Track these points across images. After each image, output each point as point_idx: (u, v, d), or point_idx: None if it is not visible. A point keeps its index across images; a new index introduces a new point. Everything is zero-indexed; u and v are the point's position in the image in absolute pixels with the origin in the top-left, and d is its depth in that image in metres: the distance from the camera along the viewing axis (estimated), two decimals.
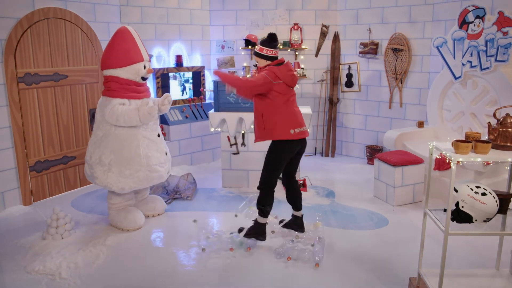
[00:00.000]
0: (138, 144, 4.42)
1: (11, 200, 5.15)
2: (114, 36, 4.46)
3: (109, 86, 4.40)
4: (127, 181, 4.40)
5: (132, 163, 4.38)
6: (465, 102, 5.70)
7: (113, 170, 4.36)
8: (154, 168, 4.51)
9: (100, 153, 4.39)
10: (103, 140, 4.41)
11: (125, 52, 4.39)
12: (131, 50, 4.42)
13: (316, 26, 7.33)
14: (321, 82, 7.46)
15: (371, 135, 7.27)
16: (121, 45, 4.39)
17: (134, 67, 4.41)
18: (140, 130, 4.46)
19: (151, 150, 4.51)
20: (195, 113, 7.01)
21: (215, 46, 7.45)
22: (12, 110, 5.01)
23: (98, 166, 4.39)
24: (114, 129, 4.39)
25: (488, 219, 2.81)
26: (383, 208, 5.15)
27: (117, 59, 4.37)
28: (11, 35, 4.90)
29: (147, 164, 4.44)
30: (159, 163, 4.56)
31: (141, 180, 4.45)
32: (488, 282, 3.15)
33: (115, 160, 4.35)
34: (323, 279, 3.62)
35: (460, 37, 5.54)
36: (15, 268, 3.79)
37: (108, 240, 4.29)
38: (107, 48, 4.45)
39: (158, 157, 4.57)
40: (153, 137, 4.59)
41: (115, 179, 4.37)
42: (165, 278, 3.65)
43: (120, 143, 4.37)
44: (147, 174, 4.47)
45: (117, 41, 4.41)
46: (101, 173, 4.38)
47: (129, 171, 4.38)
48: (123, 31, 4.45)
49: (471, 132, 3.01)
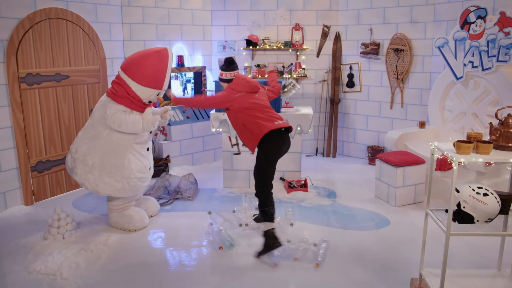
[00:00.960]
0: (126, 155, 4.36)
1: (12, 200, 5.15)
2: (154, 52, 4.31)
3: (117, 90, 4.30)
4: (104, 187, 4.35)
5: (114, 172, 4.32)
6: (467, 103, 5.69)
7: (93, 173, 4.31)
8: (133, 182, 4.43)
9: (86, 151, 4.32)
10: (92, 140, 4.34)
11: (152, 75, 4.28)
12: (159, 75, 4.31)
13: (317, 27, 7.33)
14: (323, 82, 7.46)
15: (372, 135, 7.26)
16: (154, 66, 4.27)
17: (149, 90, 4.32)
18: (131, 142, 4.40)
19: (136, 163, 4.43)
20: (197, 114, 7.01)
21: (216, 47, 7.45)
22: (13, 110, 5.02)
23: (81, 163, 4.33)
24: (107, 133, 4.33)
25: (490, 219, 2.81)
26: (384, 208, 5.15)
27: (141, 75, 4.25)
28: (13, 35, 4.91)
29: (128, 176, 4.37)
30: (140, 177, 4.48)
31: (117, 189, 4.39)
32: (490, 282, 3.14)
33: (98, 164, 4.30)
34: (324, 279, 3.62)
35: (461, 37, 5.53)
36: (17, 268, 3.80)
37: (110, 240, 4.30)
38: (140, 58, 4.29)
39: (141, 172, 4.49)
40: (143, 151, 4.54)
41: (93, 181, 4.33)
42: (166, 278, 3.65)
43: (108, 149, 4.31)
44: (125, 185, 4.39)
45: (154, 60, 4.27)
46: (82, 171, 4.33)
47: (108, 179, 4.32)
48: (164, 54, 4.31)
49: (473, 133, 3.00)
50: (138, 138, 4.43)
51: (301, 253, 3.94)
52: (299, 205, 5.21)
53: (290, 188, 5.65)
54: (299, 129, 5.68)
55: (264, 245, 3.91)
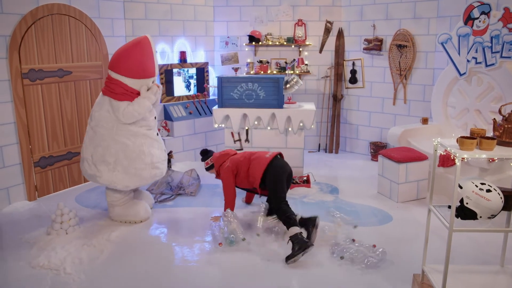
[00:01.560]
0: (141, 142, 4.45)
1: (16, 196, 5.17)
2: (134, 44, 4.37)
3: (113, 89, 4.36)
4: (132, 179, 4.44)
5: (137, 161, 4.41)
6: (470, 99, 5.67)
7: (118, 169, 4.39)
8: (157, 166, 4.57)
9: (103, 152, 4.38)
10: (104, 140, 4.39)
11: (141, 65, 4.35)
12: (147, 64, 4.38)
13: (320, 22, 7.31)
14: (325, 78, 7.45)
15: (375, 131, 7.25)
16: (139, 57, 4.33)
17: (143, 81, 4.42)
18: (142, 129, 4.49)
19: (153, 148, 4.55)
20: (199, 109, 7.01)
21: (219, 42, 7.44)
22: (16, 106, 5.02)
23: (102, 164, 4.39)
24: (116, 128, 4.39)
25: (493, 215, 2.80)
26: (387, 204, 5.14)
27: (130, 69, 4.33)
28: (16, 31, 4.91)
29: (151, 162, 4.49)
30: (161, 160, 4.63)
31: (145, 178, 4.51)
32: (492, 278, 3.14)
33: (120, 158, 4.37)
34: (326, 275, 3.63)
35: (465, 33, 5.50)
36: (20, 263, 3.81)
37: (112, 236, 4.31)
38: (123, 53, 4.35)
39: (160, 155, 4.63)
40: (154, 135, 4.63)
41: (121, 177, 4.40)
42: (169, 274, 3.67)
43: (124, 142, 4.39)
44: (151, 171, 4.52)
45: (136, 51, 4.33)
46: (106, 171, 4.39)
47: (134, 170, 4.41)
48: (144, 43, 4.36)
49: (476, 129, 2.99)
50: (145, 126, 4.52)
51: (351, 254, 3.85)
52: (301, 201, 5.21)
53: (292, 184, 5.66)
54: (302, 125, 5.68)
55: (294, 250, 3.80)
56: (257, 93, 5.66)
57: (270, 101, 5.65)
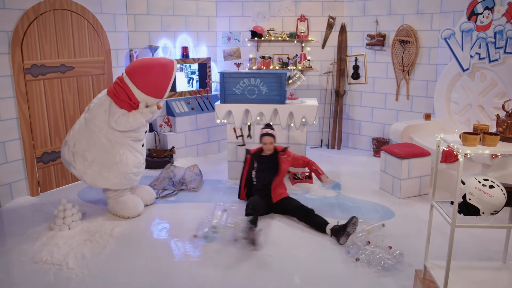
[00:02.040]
0: (124, 151, 4.54)
1: (18, 191, 5.19)
2: (160, 64, 4.45)
3: (119, 93, 4.45)
4: (102, 181, 4.54)
5: (113, 168, 4.50)
6: (473, 95, 5.65)
7: (93, 168, 4.48)
8: (129, 176, 4.64)
9: (85, 147, 4.46)
10: (91, 136, 4.46)
11: (156, 85, 4.45)
12: (162, 87, 4.48)
13: (323, 18, 7.28)
14: (328, 74, 7.43)
15: (377, 127, 7.23)
16: (159, 77, 4.43)
17: (151, 99, 4.51)
18: (129, 139, 4.57)
19: (133, 159, 4.62)
20: (201, 105, 7.01)
21: (221, 38, 7.42)
22: (19, 102, 5.03)
23: (80, 158, 4.48)
24: (106, 130, 4.47)
25: (496, 212, 2.79)
26: (389, 200, 5.14)
27: (145, 84, 4.41)
28: (18, 26, 4.90)
29: (124, 172, 4.57)
30: (135, 172, 4.69)
31: (114, 183, 4.60)
32: (495, 275, 3.13)
33: (98, 160, 4.46)
34: (328, 271, 3.63)
35: (468, 28, 5.47)
36: (23, 258, 3.83)
37: (115, 231, 4.32)
38: (147, 68, 4.41)
39: (137, 167, 4.70)
40: (138, 147, 4.72)
41: (91, 176, 4.50)
42: (171, 269, 3.67)
43: (107, 146, 4.47)
44: (121, 180, 4.60)
45: (160, 72, 4.42)
46: (81, 165, 4.49)
47: (107, 174, 4.50)
48: (170, 67, 4.48)
49: (479, 124, 2.98)
50: (134, 135, 4.60)
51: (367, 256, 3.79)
52: (304, 197, 5.21)
53: (294, 179, 5.66)
54: (304, 120, 5.67)
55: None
56: (260, 88, 5.65)
57: (273, 96, 5.64)
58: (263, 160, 4.94)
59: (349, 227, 4.03)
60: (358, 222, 4.11)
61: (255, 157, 4.99)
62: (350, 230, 4.03)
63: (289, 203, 4.67)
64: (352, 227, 4.04)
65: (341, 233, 4.04)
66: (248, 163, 5.01)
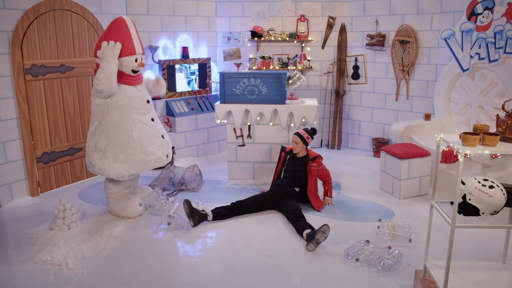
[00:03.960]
0: (131, 127, 4.44)
1: (18, 191, 5.18)
2: (109, 26, 4.45)
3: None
4: (123, 165, 4.40)
5: (126, 146, 4.39)
6: (473, 95, 5.65)
7: (108, 156, 4.38)
8: (149, 151, 4.51)
9: (96, 140, 4.43)
10: (98, 128, 4.45)
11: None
12: (124, 42, 4.41)
13: (322, 18, 7.28)
14: (328, 74, 7.43)
15: (377, 127, 7.24)
16: (115, 37, 4.38)
17: (124, 59, 4.42)
18: (131, 114, 4.47)
19: (145, 133, 4.51)
20: (201, 105, 7.01)
21: (221, 38, 7.42)
22: (19, 102, 5.03)
23: (94, 153, 4.43)
24: (107, 114, 4.42)
25: (495, 212, 2.79)
26: (389, 200, 5.14)
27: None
28: (18, 26, 4.90)
29: (141, 147, 4.45)
30: (154, 145, 4.56)
31: (136, 163, 4.46)
32: (495, 275, 3.13)
33: (109, 145, 4.38)
34: (328, 270, 3.63)
35: (468, 28, 5.47)
36: (23, 258, 3.83)
37: (115, 231, 4.32)
38: (102, 37, 4.44)
39: (153, 140, 4.56)
40: (146, 120, 4.59)
41: (111, 164, 4.39)
42: (171, 269, 3.67)
43: (113, 128, 4.40)
44: (143, 157, 4.47)
45: (112, 31, 4.41)
46: (98, 159, 4.41)
47: (123, 155, 4.39)
48: (119, 22, 4.43)
49: (479, 125, 2.98)
50: (134, 111, 4.49)
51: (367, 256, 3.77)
52: None
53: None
54: (304, 120, 5.66)
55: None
56: (260, 88, 5.65)
57: (273, 96, 5.64)
58: (295, 160, 5.02)
59: (318, 235, 3.93)
60: (329, 231, 3.99)
61: (288, 155, 5.09)
62: (320, 238, 3.94)
63: (288, 205, 4.66)
64: (321, 235, 3.94)
65: (311, 239, 3.96)
66: (282, 160, 5.14)
